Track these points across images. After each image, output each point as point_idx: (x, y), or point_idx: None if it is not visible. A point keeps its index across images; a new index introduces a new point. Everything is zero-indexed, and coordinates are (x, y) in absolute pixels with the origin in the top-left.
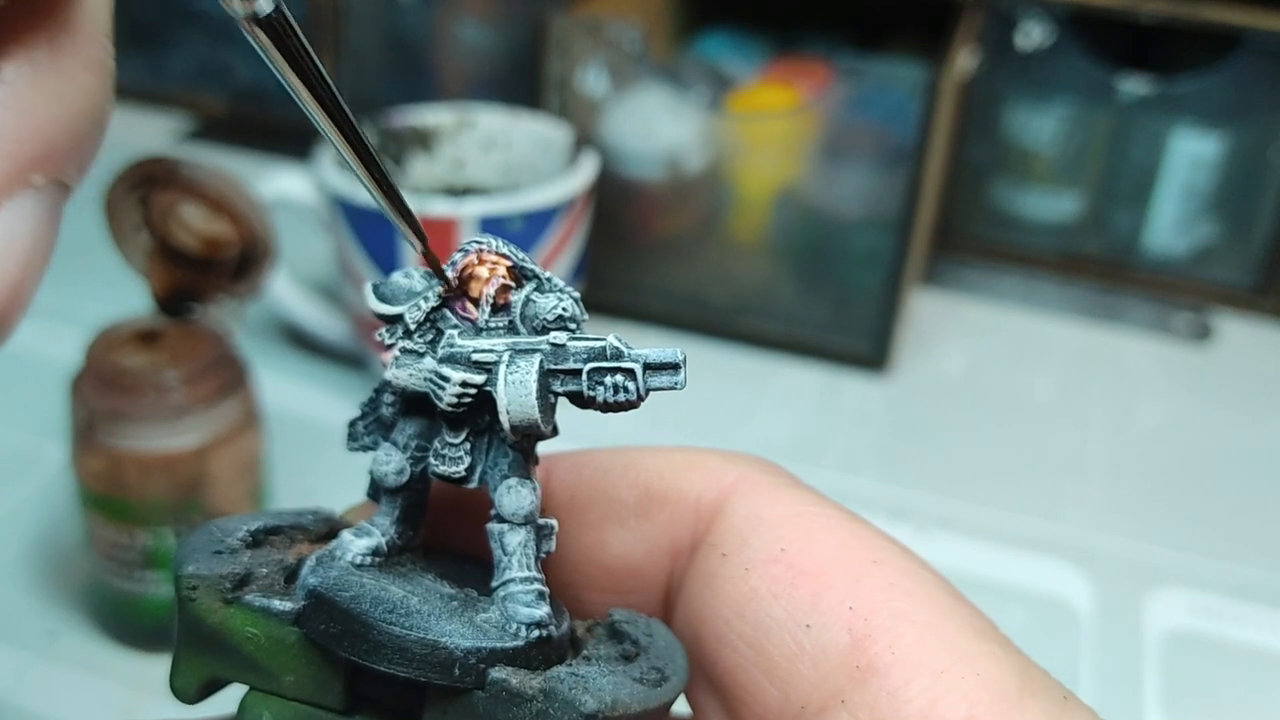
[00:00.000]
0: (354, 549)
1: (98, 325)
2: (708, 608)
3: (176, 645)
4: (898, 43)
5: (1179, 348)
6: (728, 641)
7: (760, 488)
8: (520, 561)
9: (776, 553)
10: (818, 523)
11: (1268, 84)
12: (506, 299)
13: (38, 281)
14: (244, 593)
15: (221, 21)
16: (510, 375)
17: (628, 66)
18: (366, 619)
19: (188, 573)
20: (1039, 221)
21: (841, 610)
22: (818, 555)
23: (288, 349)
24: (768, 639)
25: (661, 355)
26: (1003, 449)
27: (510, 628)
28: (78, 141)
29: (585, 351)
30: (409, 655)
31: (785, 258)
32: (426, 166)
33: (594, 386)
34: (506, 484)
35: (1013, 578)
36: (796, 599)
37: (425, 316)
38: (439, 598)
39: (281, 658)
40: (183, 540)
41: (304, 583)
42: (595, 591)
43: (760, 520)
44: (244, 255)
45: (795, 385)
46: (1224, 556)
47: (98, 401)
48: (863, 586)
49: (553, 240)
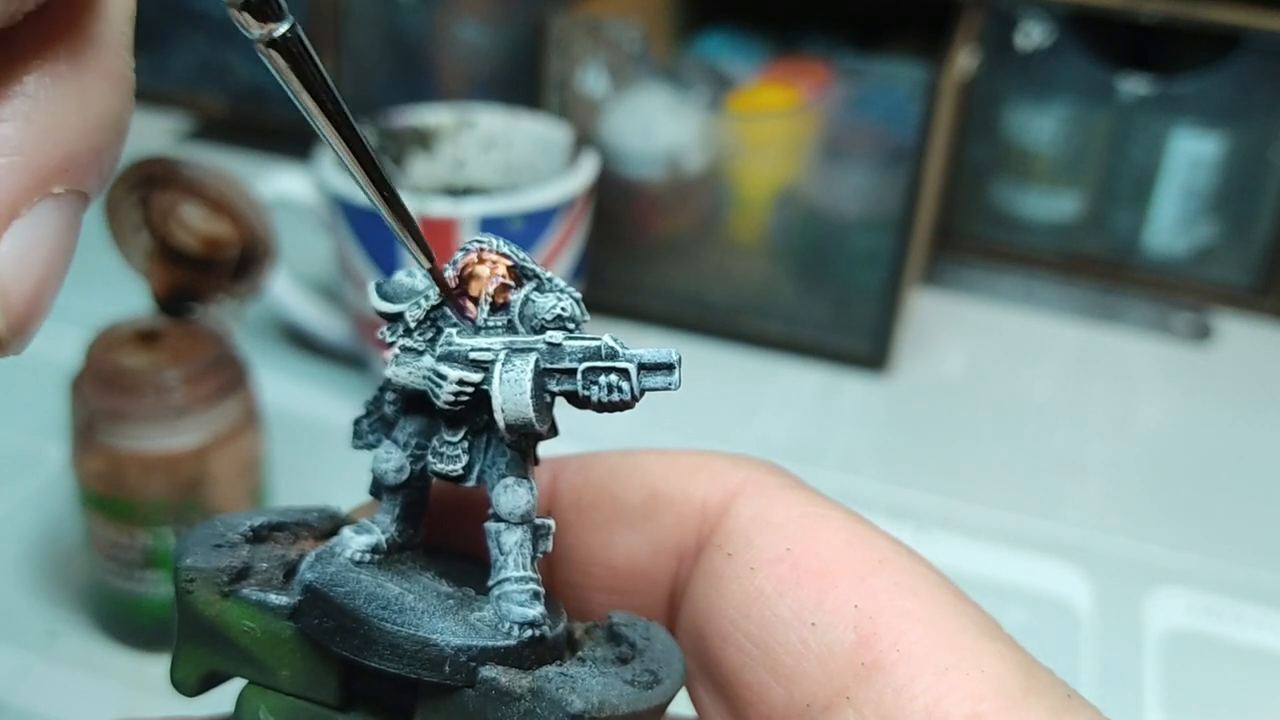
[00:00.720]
0: (353, 545)
1: (98, 325)
2: (713, 607)
3: (176, 638)
4: (898, 43)
5: (1179, 348)
6: (733, 641)
7: (766, 489)
8: (516, 561)
9: (782, 552)
10: (823, 523)
11: (1268, 84)
12: (506, 298)
13: (57, 289)
14: (241, 586)
15: (222, 22)
16: (505, 374)
17: (628, 66)
18: (359, 615)
19: (186, 565)
20: (1039, 221)
21: (847, 609)
22: (823, 555)
23: (288, 349)
24: (773, 637)
25: (656, 355)
26: (1003, 449)
27: (503, 627)
28: (98, 152)
29: (580, 351)
30: (400, 652)
31: (785, 258)
32: (426, 166)
33: (589, 386)
34: (504, 483)
35: (1013, 577)
36: (802, 598)
37: (425, 315)
38: (435, 595)
39: (277, 652)
40: (185, 534)
41: (301, 578)
42: (600, 592)
43: (766, 521)
44: (244, 255)
45: (795, 385)
46: (1224, 556)
47: (98, 401)
48: (868, 585)
49: (553, 240)
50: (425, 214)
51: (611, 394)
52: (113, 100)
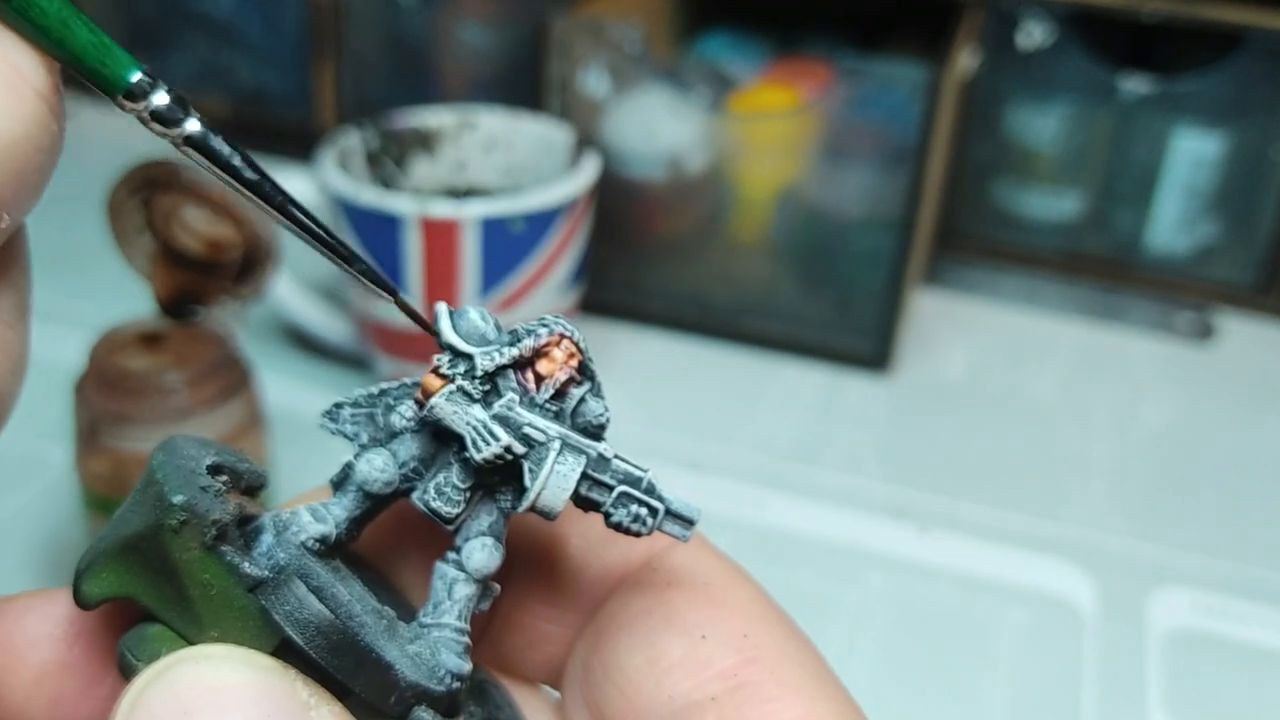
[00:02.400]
0: (308, 531)
1: (101, 328)
2: (624, 606)
3: (105, 553)
4: (899, 43)
5: (1181, 347)
6: (629, 630)
7: (703, 546)
8: (460, 612)
9: (701, 585)
10: (741, 576)
11: (1269, 83)
12: (567, 390)
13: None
14: (223, 544)
15: (223, 24)
16: (558, 467)
17: (629, 67)
18: (339, 622)
19: (179, 503)
20: (1040, 221)
21: (738, 635)
22: (735, 597)
23: (291, 351)
24: (665, 636)
25: (684, 508)
26: (1005, 448)
27: (439, 672)
28: (13, 173)
29: (624, 475)
30: (362, 667)
31: (787, 258)
32: (428, 168)
33: (617, 507)
34: (483, 541)
35: (1015, 577)
36: (704, 616)
37: (495, 369)
38: (372, 612)
39: (221, 614)
40: (164, 460)
41: (271, 554)
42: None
43: (696, 561)
44: (246, 257)
45: (797, 385)
46: (1227, 555)
47: (101, 404)
48: (763, 627)
49: (554, 241)
50: (428, 215)
51: (634, 523)
52: (19, 114)
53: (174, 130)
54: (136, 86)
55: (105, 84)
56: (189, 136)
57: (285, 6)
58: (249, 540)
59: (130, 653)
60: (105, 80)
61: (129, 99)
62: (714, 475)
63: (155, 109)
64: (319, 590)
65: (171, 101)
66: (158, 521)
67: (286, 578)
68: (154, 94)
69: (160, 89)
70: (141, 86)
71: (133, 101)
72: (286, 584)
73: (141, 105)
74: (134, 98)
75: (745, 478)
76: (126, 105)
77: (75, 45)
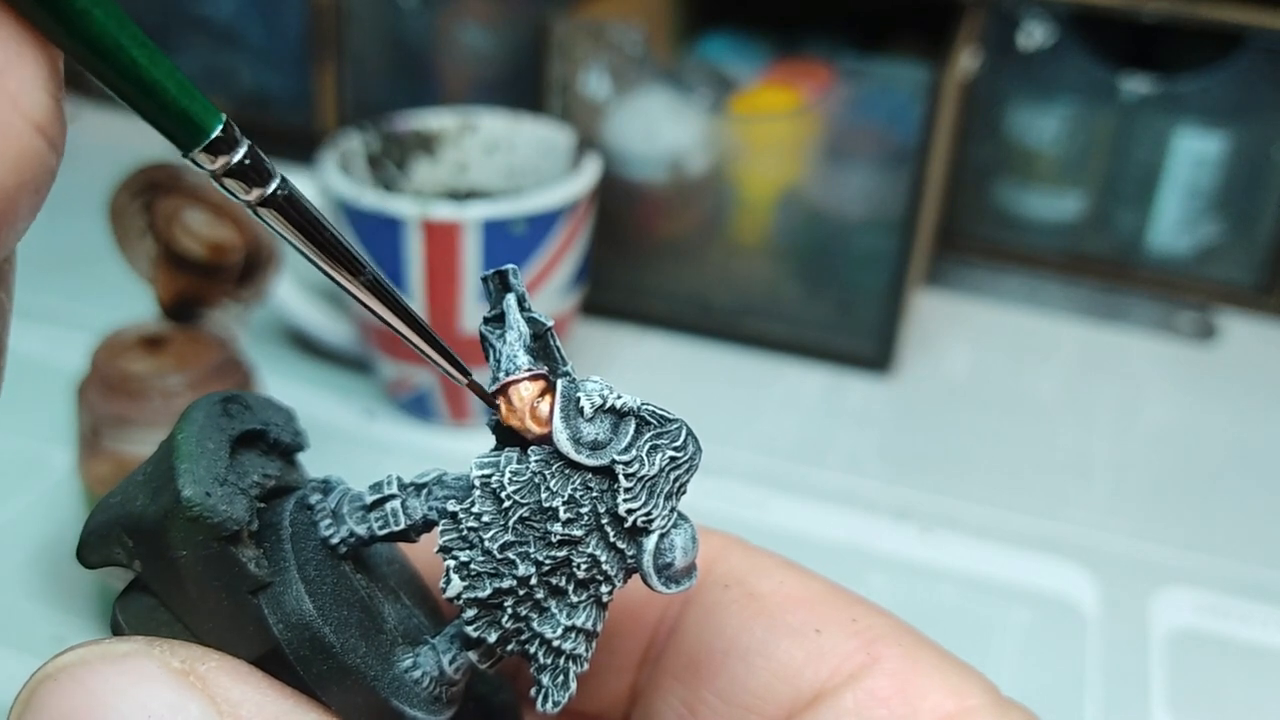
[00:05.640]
0: (344, 527)
1: (103, 331)
2: (713, 630)
3: (114, 522)
4: (899, 44)
5: (1183, 347)
6: (736, 653)
7: (747, 547)
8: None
9: (776, 585)
10: (801, 570)
11: (1270, 82)
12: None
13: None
14: (231, 545)
15: (224, 26)
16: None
17: (630, 69)
18: (338, 650)
19: (190, 497)
20: (1042, 221)
21: (845, 620)
22: (811, 588)
23: (293, 353)
24: (779, 646)
25: None
26: (1007, 449)
27: (434, 705)
28: (4, 219)
29: None
30: (356, 697)
31: (788, 259)
32: (429, 170)
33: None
34: None
35: (1018, 577)
36: (803, 614)
37: None
38: (370, 630)
39: (216, 606)
40: (187, 435)
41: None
42: None
43: (754, 566)
44: (248, 260)
45: (799, 386)
46: (1230, 555)
47: (103, 407)
48: (858, 608)
49: (556, 243)
50: (429, 218)
51: None
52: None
53: (253, 192)
54: (220, 140)
55: (185, 134)
56: (271, 196)
57: (286, 9)
58: (268, 526)
59: (121, 616)
60: (185, 130)
61: (209, 153)
62: (716, 476)
63: (235, 165)
64: (319, 604)
65: (250, 158)
66: (167, 510)
67: (285, 585)
68: (238, 149)
69: (243, 144)
70: (228, 139)
71: (212, 156)
72: (285, 591)
73: (220, 163)
74: (215, 151)
75: (747, 478)
76: (202, 160)
77: (161, 89)
